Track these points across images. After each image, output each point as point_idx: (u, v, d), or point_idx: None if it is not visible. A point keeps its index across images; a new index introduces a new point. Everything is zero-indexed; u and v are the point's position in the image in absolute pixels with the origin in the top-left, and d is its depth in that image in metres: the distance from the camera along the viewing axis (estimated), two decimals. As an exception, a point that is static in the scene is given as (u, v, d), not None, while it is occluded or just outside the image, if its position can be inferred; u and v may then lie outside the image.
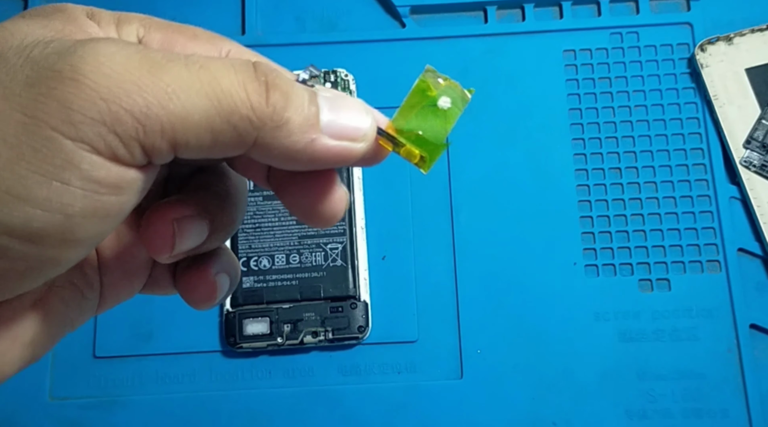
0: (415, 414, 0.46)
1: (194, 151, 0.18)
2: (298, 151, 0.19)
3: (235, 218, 0.23)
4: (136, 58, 0.17)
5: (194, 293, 0.23)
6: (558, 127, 0.51)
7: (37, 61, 0.17)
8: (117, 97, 0.16)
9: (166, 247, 0.21)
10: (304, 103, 0.19)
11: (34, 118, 0.16)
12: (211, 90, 0.17)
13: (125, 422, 0.46)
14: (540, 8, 0.53)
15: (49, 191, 0.16)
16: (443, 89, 0.22)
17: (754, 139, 0.49)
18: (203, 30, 0.22)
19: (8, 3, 0.53)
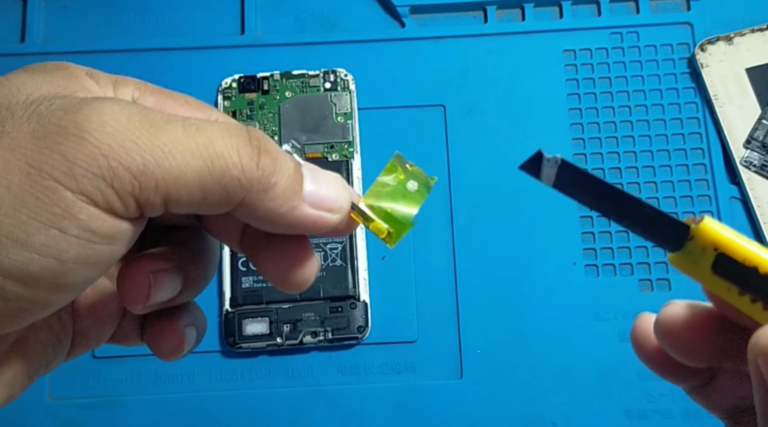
0: (415, 414, 0.46)
1: (184, 207, 0.19)
2: (280, 215, 0.20)
3: (206, 274, 0.24)
4: (136, 119, 0.18)
5: (163, 344, 0.24)
6: (558, 127, 0.51)
7: (43, 115, 0.18)
8: (117, 155, 0.18)
9: (142, 298, 0.22)
10: (290, 169, 0.20)
11: (38, 169, 0.17)
12: (205, 151, 0.19)
13: (125, 422, 0.46)
14: (540, 8, 0.53)
15: (47, 237, 0.17)
16: (410, 174, 0.24)
17: (754, 139, 0.49)
18: (194, 99, 0.23)
19: (8, 3, 0.53)
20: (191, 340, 0.24)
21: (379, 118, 0.51)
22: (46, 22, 0.53)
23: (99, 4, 0.53)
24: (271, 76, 0.50)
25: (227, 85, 0.50)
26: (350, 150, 0.49)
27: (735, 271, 0.18)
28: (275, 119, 0.50)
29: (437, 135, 0.50)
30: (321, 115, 0.50)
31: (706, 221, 0.19)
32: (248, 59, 0.52)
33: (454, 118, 0.51)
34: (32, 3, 0.53)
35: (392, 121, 0.51)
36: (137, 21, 0.53)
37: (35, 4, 0.53)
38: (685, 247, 0.19)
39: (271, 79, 0.50)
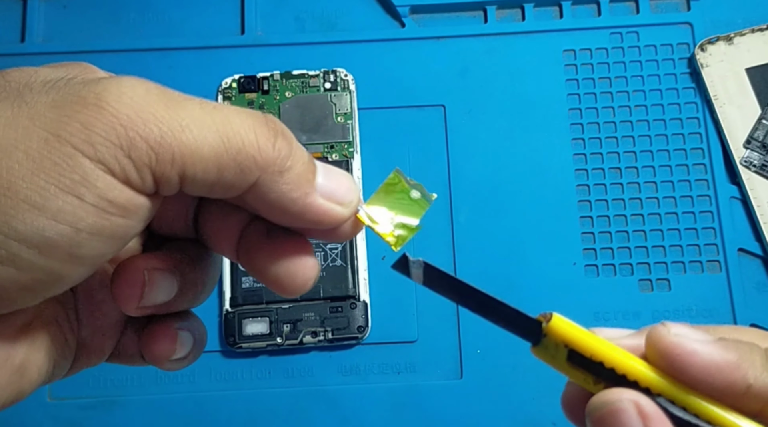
0: (415, 414, 0.46)
1: (199, 185, 0.19)
2: (292, 201, 0.20)
3: (205, 280, 0.24)
4: (155, 93, 0.18)
5: (154, 346, 0.23)
6: (558, 127, 0.51)
7: (61, 87, 0.18)
8: (135, 125, 0.18)
9: (135, 296, 0.21)
10: (305, 157, 0.20)
11: (57, 136, 0.17)
12: (222, 128, 0.19)
13: (125, 422, 0.46)
14: (540, 8, 0.53)
15: (64, 203, 0.17)
16: (412, 185, 0.24)
17: (754, 139, 0.49)
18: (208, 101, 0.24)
19: (8, 3, 0.53)
20: (185, 343, 0.23)
21: (379, 118, 0.51)
22: (46, 22, 0.53)
23: (99, 4, 0.53)
24: (271, 76, 0.50)
25: (227, 85, 0.50)
26: (350, 150, 0.49)
27: (587, 363, 0.20)
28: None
29: (437, 135, 0.50)
30: (321, 115, 0.50)
31: (555, 319, 0.21)
32: (248, 59, 0.52)
33: (454, 118, 0.51)
34: (32, 3, 0.53)
35: (392, 121, 0.51)
36: (137, 21, 0.53)
37: (35, 4, 0.53)
38: (542, 342, 0.21)
39: (271, 79, 0.50)
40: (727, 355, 0.19)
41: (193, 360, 0.24)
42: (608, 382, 0.20)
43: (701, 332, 0.20)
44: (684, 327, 0.20)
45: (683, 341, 0.19)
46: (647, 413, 0.19)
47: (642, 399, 0.19)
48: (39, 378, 0.21)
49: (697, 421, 0.19)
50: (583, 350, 0.20)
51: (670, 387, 0.19)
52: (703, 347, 0.19)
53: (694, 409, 0.19)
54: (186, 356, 0.24)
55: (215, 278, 0.25)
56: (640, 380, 0.20)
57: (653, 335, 0.20)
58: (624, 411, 0.19)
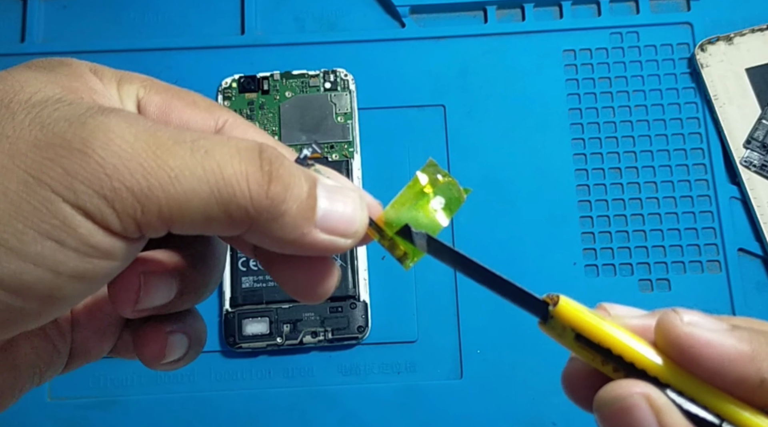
0: (415, 414, 0.46)
1: (186, 230, 0.18)
2: (289, 242, 0.19)
3: (207, 281, 0.23)
4: (143, 138, 0.17)
5: (144, 348, 0.23)
6: (558, 127, 0.51)
7: (45, 124, 0.17)
8: (121, 175, 0.17)
9: (130, 300, 0.21)
10: (303, 195, 0.19)
11: (37, 179, 0.17)
12: (213, 178, 0.18)
13: (124, 422, 0.46)
14: (540, 8, 0.53)
15: (44, 248, 0.17)
16: (439, 188, 0.22)
17: (754, 139, 0.49)
18: (202, 97, 0.22)
19: (8, 3, 0.53)
20: (177, 347, 0.23)
21: (379, 118, 0.51)
22: (46, 22, 0.53)
23: (99, 4, 0.53)
24: (271, 76, 0.50)
25: (227, 85, 0.50)
26: (350, 150, 0.49)
27: (594, 346, 0.20)
28: (275, 119, 0.50)
29: (437, 135, 0.50)
30: (321, 115, 0.50)
31: (561, 304, 0.20)
32: (248, 59, 0.52)
33: (454, 118, 0.51)
34: (32, 3, 0.53)
35: (392, 121, 0.51)
36: (137, 21, 0.53)
37: (35, 4, 0.53)
38: (549, 322, 0.21)
39: (271, 79, 0.50)
40: (741, 346, 0.18)
41: (190, 361, 0.24)
42: (618, 365, 0.20)
43: (715, 320, 0.19)
44: (696, 315, 0.19)
45: (695, 331, 0.19)
46: (659, 407, 0.18)
47: (653, 392, 0.19)
48: (19, 394, 0.21)
49: (707, 414, 0.18)
50: (590, 336, 0.20)
51: (679, 378, 0.19)
52: (716, 338, 0.18)
53: (704, 401, 0.19)
54: (180, 359, 0.23)
55: (218, 279, 0.24)
56: (649, 370, 0.19)
57: (664, 323, 0.19)
58: (636, 407, 0.18)
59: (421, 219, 0.22)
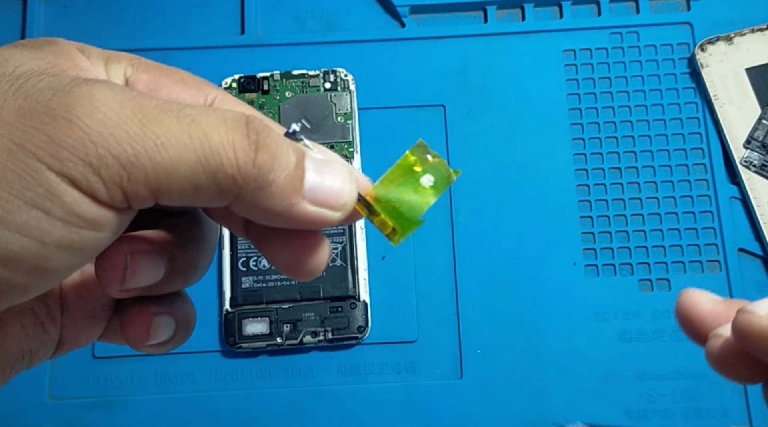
0: (415, 414, 0.46)
1: (174, 201, 0.18)
2: (277, 213, 0.19)
3: (197, 263, 0.23)
4: (129, 106, 0.17)
5: (129, 329, 0.22)
6: (558, 127, 0.51)
7: (30, 93, 0.17)
8: (106, 143, 0.17)
9: (117, 278, 0.20)
10: (290, 165, 0.19)
11: (21, 147, 0.16)
12: (199, 146, 0.17)
13: (125, 422, 0.46)
14: (540, 8, 0.53)
15: (29, 217, 0.16)
16: (429, 167, 0.22)
17: (754, 139, 0.49)
18: (191, 75, 0.22)
19: (8, 3, 0.53)
20: (163, 329, 0.22)
21: (379, 118, 0.51)
22: (46, 22, 0.53)
23: (99, 4, 0.53)
24: (271, 76, 0.50)
25: (227, 86, 0.50)
26: (350, 150, 0.49)
27: None
28: (275, 119, 0.50)
29: (437, 135, 0.50)
30: (321, 115, 0.50)
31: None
32: (248, 59, 0.52)
33: (454, 118, 0.51)
34: (32, 3, 0.53)
35: (392, 121, 0.51)
36: (137, 21, 0.53)
37: (35, 4, 0.53)
38: None
39: (271, 79, 0.50)
40: None
41: (178, 344, 0.23)
42: None
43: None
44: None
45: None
46: None
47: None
48: (8, 376, 0.21)
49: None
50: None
51: None
52: None
53: None
54: (167, 341, 0.23)
55: (209, 260, 0.23)
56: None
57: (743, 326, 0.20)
58: None
59: (409, 196, 0.22)
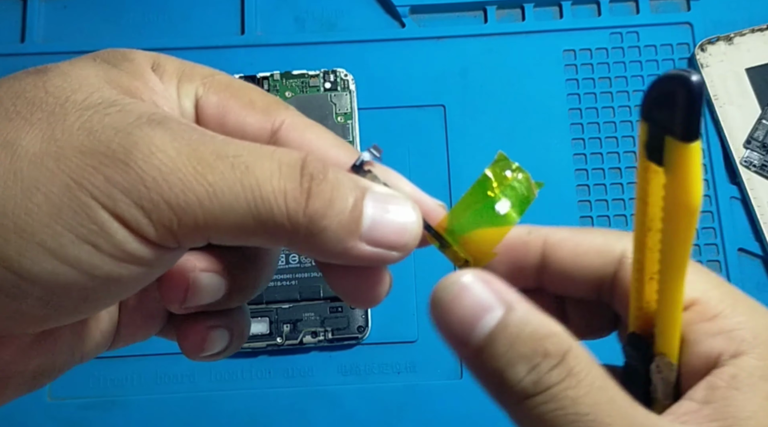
0: (415, 414, 0.46)
1: (225, 243, 0.19)
2: (332, 255, 0.19)
3: (257, 282, 0.23)
4: (185, 152, 0.17)
5: (185, 340, 0.23)
6: (558, 127, 0.51)
7: (94, 130, 0.17)
8: (159, 188, 0.17)
9: (179, 298, 0.21)
10: (346, 209, 0.19)
11: (79, 184, 0.17)
12: (251, 195, 0.18)
13: (124, 422, 0.46)
14: (540, 8, 0.53)
15: (80, 251, 0.17)
16: (506, 188, 0.21)
17: (754, 139, 0.49)
18: (260, 94, 0.22)
19: (8, 3, 0.53)
20: (218, 342, 0.23)
21: (379, 118, 0.51)
22: (46, 21, 0.53)
23: (99, 4, 0.53)
24: (271, 77, 0.50)
25: (227, 85, 0.50)
26: (350, 150, 0.49)
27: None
28: (275, 119, 0.50)
29: (437, 135, 0.50)
30: (321, 115, 0.50)
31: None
32: (248, 59, 0.52)
33: (454, 118, 0.51)
34: (32, 3, 0.53)
35: (392, 121, 0.51)
36: (137, 21, 0.53)
37: (35, 4, 0.53)
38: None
39: (271, 80, 0.50)
40: None
41: (231, 353, 0.24)
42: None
43: None
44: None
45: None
46: (488, 278, 0.19)
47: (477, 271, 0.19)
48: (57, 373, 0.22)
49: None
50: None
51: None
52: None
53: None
54: (221, 352, 0.23)
55: (269, 279, 0.24)
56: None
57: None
58: (470, 284, 0.19)
59: (484, 225, 0.20)
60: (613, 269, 0.21)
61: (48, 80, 0.18)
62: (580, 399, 0.17)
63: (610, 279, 0.21)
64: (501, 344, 0.18)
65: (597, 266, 0.21)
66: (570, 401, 0.17)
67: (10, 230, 0.17)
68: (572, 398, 0.17)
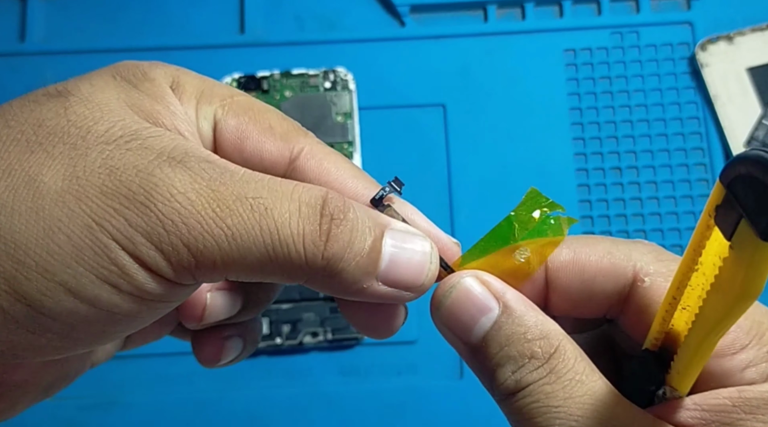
0: (415, 414, 0.46)
1: (242, 280, 0.19)
2: (347, 293, 0.19)
3: (270, 296, 0.24)
4: (204, 196, 0.18)
5: (201, 352, 0.24)
6: (558, 127, 0.51)
7: (115, 169, 0.18)
8: (179, 231, 0.17)
9: (196, 316, 0.22)
10: (364, 251, 0.19)
11: (100, 226, 0.17)
12: (269, 239, 0.18)
13: (124, 422, 0.46)
14: (540, 7, 0.53)
15: (101, 291, 0.17)
16: (529, 234, 0.20)
17: (754, 139, 0.49)
18: (279, 118, 0.22)
19: (8, 3, 0.53)
20: (233, 350, 0.24)
21: (379, 117, 0.51)
22: (46, 21, 0.53)
23: (98, 3, 0.53)
24: (270, 76, 0.50)
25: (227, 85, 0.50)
26: (350, 150, 0.49)
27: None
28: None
29: (437, 135, 0.50)
30: (321, 114, 0.50)
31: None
32: (248, 58, 0.52)
33: (454, 118, 0.51)
34: (32, 2, 0.53)
35: (392, 121, 0.51)
36: (137, 20, 0.53)
37: (35, 4, 0.53)
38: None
39: (271, 79, 0.50)
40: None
41: (244, 358, 0.25)
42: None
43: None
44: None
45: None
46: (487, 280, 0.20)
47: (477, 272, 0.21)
48: (68, 382, 0.23)
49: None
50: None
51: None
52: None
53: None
54: (235, 359, 0.24)
55: (280, 290, 0.24)
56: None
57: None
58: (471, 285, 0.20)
59: (501, 269, 0.20)
60: (624, 292, 0.20)
61: (69, 107, 0.18)
62: (554, 393, 0.18)
63: (621, 300, 0.21)
64: (493, 346, 0.19)
65: (608, 291, 0.20)
66: (544, 395, 0.18)
67: (32, 268, 0.17)
68: (547, 393, 0.18)
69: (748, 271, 0.15)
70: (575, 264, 0.21)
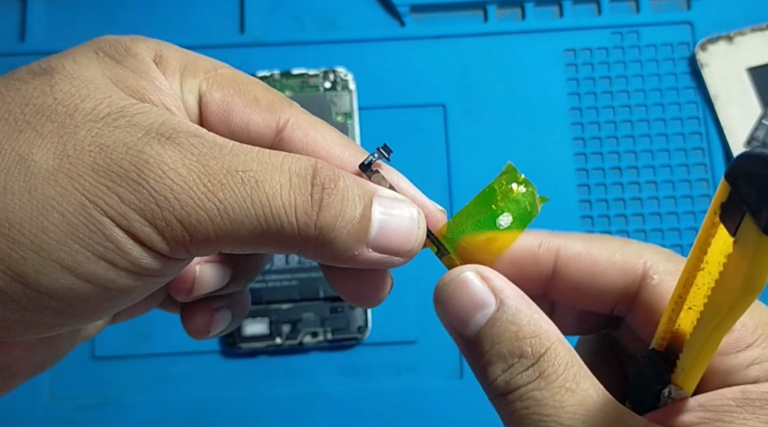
0: (415, 414, 0.46)
1: (236, 252, 0.19)
2: (340, 261, 0.19)
3: (259, 266, 0.24)
4: (195, 171, 0.18)
5: (191, 323, 0.24)
6: (558, 127, 0.51)
7: (105, 146, 0.18)
8: (171, 207, 0.18)
9: (186, 290, 0.22)
10: (355, 219, 0.19)
11: (93, 204, 0.17)
12: (261, 211, 0.18)
13: (124, 422, 0.46)
14: (540, 7, 0.53)
15: (97, 267, 0.18)
16: (511, 201, 0.21)
17: (754, 139, 0.49)
18: (264, 90, 0.22)
19: (8, 2, 0.53)
20: (221, 322, 0.24)
21: (379, 117, 0.51)
22: (46, 21, 0.53)
23: (98, 3, 0.53)
24: (270, 76, 0.50)
25: (227, 85, 0.50)
26: (350, 150, 0.49)
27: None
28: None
29: (437, 135, 0.50)
30: (321, 114, 0.49)
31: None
32: (248, 58, 0.52)
33: (454, 118, 0.51)
34: (32, 3, 0.53)
35: (392, 121, 0.51)
36: (137, 20, 0.53)
37: (35, 4, 0.53)
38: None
39: (271, 79, 0.50)
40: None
41: (233, 329, 0.25)
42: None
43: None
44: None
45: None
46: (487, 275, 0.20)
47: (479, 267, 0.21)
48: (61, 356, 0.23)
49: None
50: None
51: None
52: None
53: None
54: (224, 330, 0.25)
55: (269, 260, 0.25)
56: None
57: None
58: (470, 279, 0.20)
59: (484, 236, 0.21)
60: (634, 288, 0.21)
61: (55, 85, 0.19)
62: (545, 400, 0.18)
63: (630, 297, 0.21)
64: (486, 342, 0.19)
65: (617, 285, 0.21)
66: (535, 401, 0.18)
67: (28, 247, 0.17)
68: (537, 399, 0.18)
69: (751, 265, 0.15)
70: (588, 256, 0.21)
